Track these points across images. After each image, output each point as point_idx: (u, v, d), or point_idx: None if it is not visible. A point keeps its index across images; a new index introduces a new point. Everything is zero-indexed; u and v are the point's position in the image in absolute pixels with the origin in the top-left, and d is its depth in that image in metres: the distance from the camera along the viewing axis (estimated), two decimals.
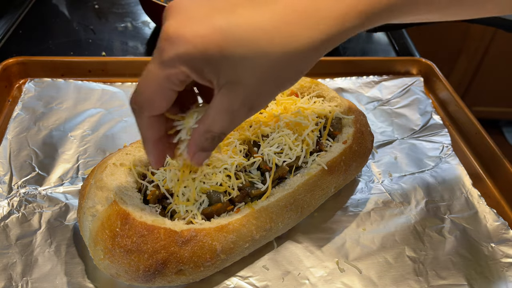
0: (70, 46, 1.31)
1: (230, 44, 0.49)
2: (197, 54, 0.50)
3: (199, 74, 0.52)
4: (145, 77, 0.54)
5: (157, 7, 1.26)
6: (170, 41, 0.51)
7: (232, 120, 0.57)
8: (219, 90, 0.54)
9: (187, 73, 0.52)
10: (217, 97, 0.55)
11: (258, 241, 0.74)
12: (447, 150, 1.02)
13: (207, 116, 0.57)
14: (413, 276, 0.77)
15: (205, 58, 0.50)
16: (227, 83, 0.53)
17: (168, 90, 0.55)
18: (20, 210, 0.80)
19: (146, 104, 0.56)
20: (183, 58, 0.50)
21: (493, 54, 2.55)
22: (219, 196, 0.71)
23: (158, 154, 0.62)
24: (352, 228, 0.85)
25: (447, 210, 0.89)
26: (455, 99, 1.14)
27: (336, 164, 0.81)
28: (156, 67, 0.53)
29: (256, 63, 0.51)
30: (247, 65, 0.51)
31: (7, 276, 0.71)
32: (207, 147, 0.60)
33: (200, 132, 0.59)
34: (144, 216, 0.66)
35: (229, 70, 0.51)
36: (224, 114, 0.56)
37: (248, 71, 0.51)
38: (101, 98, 1.08)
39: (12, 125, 0.96)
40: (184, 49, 0.50)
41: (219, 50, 0.49)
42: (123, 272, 0.65)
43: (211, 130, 0.58)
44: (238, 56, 0.50)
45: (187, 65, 0.51)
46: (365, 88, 1.19)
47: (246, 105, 0.55)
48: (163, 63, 0.52)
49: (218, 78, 0.52)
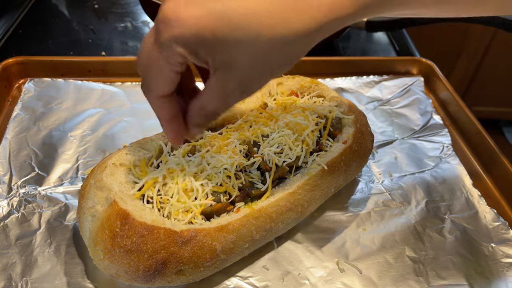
0: (69, 46, 1.31)
1: (224, 27, 0.50)
2: (192, 36, 0.51)
3: (194, 56, 0.54)
4: (148, 59, 0.57)
5: (157, 7, 1.26)
6: (167, 23, 0.52)
7: (225, 101, 0.59)
8: (214, 71, 0.56)
9: (183, 54, 0.54)
10: (212, 78, 0.57)
11: (258, 241, 0.73)
12: (447, 150, 1.02)
13: (202, 94, 0.60)
14: (413, 276, 0.77)
15: (199, 41, 0.51)
16: (221, 65, 0.54)
17: (169, 72, 0.57)
18: (20, 210, 0.80)
19: (151, 86, 0.59)
20: (179, 39, 0.52)
21: (493, 54, 2.55)
22: (219, 196, 0.71)
23: (174, 131, 0.64)
24: (352, 228, 0.85)
25: (447, 210, 0.89)
26: (455, 99, 1.14)
27: (336, 164, 0.81)
28: (156, 50, 0.55)
29: (249, 47, 0.52)
30: (240, 49, 0.52)
31: (7, 276, 0.71)
32: (201, 124, 0.64)
33: (195, 108, 0.62)
34: (144, 216, 0.66)
35: (224, 53, 0.53)
36: (217, 95, 0.58)
37: (241, 54, 0.52)
38: (101, 98, 1.08)
39: (11, 125, 0.96)
40: (179, 31, 0.51)
41: (213, 33, 0.50)
42: (123, 272, 0.65)
43: (205, 108, 0.61)
44: (232, 40, 0.51)
45: (183, 46, 0.53)
46: (365, 88, 1.19)
47: (239, 88, 0.57)
48: (160, 45, 0.54)
49: (213, 60, 0.54)
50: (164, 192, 0.70)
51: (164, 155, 0.76)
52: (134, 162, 0.74)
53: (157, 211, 0.68)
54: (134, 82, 1.14)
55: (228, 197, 0.73)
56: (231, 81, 0.56)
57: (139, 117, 1.04)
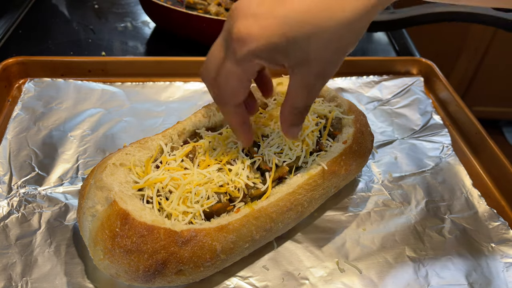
0: (69, 46, 1.31)
1: (292, 28, 0.57)
2: (267, 46, 0.58)
3: (271, 62, 0.61)
4: (223, 74, 0.64)
5: (157, 7, 1.26)
6: (242, 42, 0.59)
7: (310, 92, 0.66)
8: (292, 71, 0.63)
9: (261, 64, 0.62)
10: (292, 77, 0.64)
11: (258, 241, 0.73)
12: (447, 150, 1.02)
13: (288, 95, 0.67)
14: (413, 276, 0.77)
15: (274, 47, 0.58)
16: (298, 63, 0.61)
17: (246, 81, 0.65)
18: (20, 210, 0.80)
19: (230, 97, 0.67)
20: (256, 53, 0.59)
21: (493, 54, 2.55)
22: (219, 196, 0.71)
23: (247, 133, 0.74)
24: (352, 228, 0.85)
25: (447, 210, 0.89)
26: (455, 99, 1.14)
27: (336, 164, 0.81)
28: (233, 66, 0.62)
29: (318, 39, 0.58)
30: (310, 43, 0.58)
31: (7, 276, 0.71)
32: (296, 121, 0.71)
33: (286, 110, 0.69)
34: (144, 216, 0.66)
35: (296, 52, 0.59)
36: (302, 89, 0.65)
37: (312, 47, 0.59)
38: (101, 98, 1.08)
39: (11, 125, 0.96)
40: (255, 45, 0.58)
41: (284, 37, 0.57)
42: (123, 272, 0.65)
43: (295, 106, 0.68)
44: (301, 37, 0.57)
45: (260, 58, 0.60)
46: (365, 88, 1.19)
47: (319, 76, 0.63)
48: (238, 61, 0.61)
49: (289, 61, 0.61)
50: (164, 193, 0.70)
51: (164, 155, 0.76)
52: (134, 162, 0.74)
53: (157, 211, 0.68)
54: (134, 82, 1.14)
55: (228, 197, 0.73)
56: (310, 74, 0.62)
57: (139, 117, 1.04)
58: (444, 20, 1.27)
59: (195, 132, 0.82)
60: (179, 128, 0.82)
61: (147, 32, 1.42)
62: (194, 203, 0.69)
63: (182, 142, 0.81)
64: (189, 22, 1.24)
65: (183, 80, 1.16)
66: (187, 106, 1.08)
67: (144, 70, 1.15)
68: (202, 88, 1.14)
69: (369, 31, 1.38)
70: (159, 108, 1.07)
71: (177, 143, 0.80)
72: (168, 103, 1.09)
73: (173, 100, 1.10)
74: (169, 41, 1.37)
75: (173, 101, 1.10)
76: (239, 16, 0.59)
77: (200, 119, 0.84)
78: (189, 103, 1.09)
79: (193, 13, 1.22)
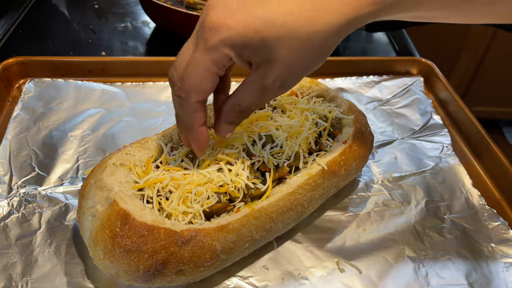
0: (70, 46, 1.31)
1: (267, 27, 0.58)
2: (239, 39, 0.58)
3: (239, 56, 0.60)
4: (191, 64, 0.61)
5: (157, 7, 1.26)
6: (214, 30, 0.58)
7: (262, 95, 0.65)
8: (256, 68, 0.62)
9: (230, 56, 0.60)
10: (252, 75, 0.63)
11: (258, 241, 0.74)
12: (447, 150, 1.02)
13: (238, 91, 0.66)
14: (413, 276, 0.77)
15: (245, 41, 0.58)
16: (263, 62, 0.61)
17: (213, 74, 0.62)
18: (20, 210, 0.80)
19: (194, 88, 0.63)
20: (227, 42, 0.59)
21: (493, 54, 2.55)
22: (219, 196, 0.71)
23: (204, 138, 0.69)
24: (352, 228, 0.85)
25: (447, 210, 0.89)
26: (455, 99, 1.14)
27: (336, 164, 0.81)
28: (202, 54, 0.60)
29: (289, 43, 0.59)
30: (281, 45, 0.59)
31: (7, 276, 0.71)
32: (233, 120, 0.69)
33: (229, 105, 0.68)
34: (144, 216, 0.66)
35: (266, 50, 0.59)
36: (255, 89, 0.64)
37: (281, 49, 0.59)
38: (101, 98, 1.08)
39: (12, 125, 0.96)
40: (227, 35, 0.58)
41: (257, 33, 0.58)
42: (123, 272, 0.65)
43: (240, 104, 0.67)
44: (273, 38, 0.58)
45: (230, 48, 0.59)
46: (365, 88, 1.19)
47: (278, 80, 0.63)
48: (208, 49, 0.60)
49: (255, 58, 0.61)
50: (164, 193, 0.70)
51: (164, 155, 0.76)
52: (134, 162, 0.74)
53: (157, 211, 0.68)
54: (134, 82, 1.14)
55: (228, 197, 0.73)
56: (271, 74, 0.62)
57: (139, 117, 1.04)
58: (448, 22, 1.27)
59: None
60: None
61: (147, 32, 1.42)
62: (194, 203, 0.69)
63: None
64: (189, 22, 1.23)
65: None
66: None
67: (144, 70, 1.15)
68: None
69: (369, 31, 1.37)
70: (159, 108, 1.07)
71: (177, 143, 0.80)
72: (168, 103, 1.09)
73: None
74: (169, 41, 1.37)
75: None
76: (213, 9, 0.59)
77: None
78: None
79: (193, 13, 1.22)
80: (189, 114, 0.66)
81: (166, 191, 0.70)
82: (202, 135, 0.68)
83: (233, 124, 0.70)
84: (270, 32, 0.58)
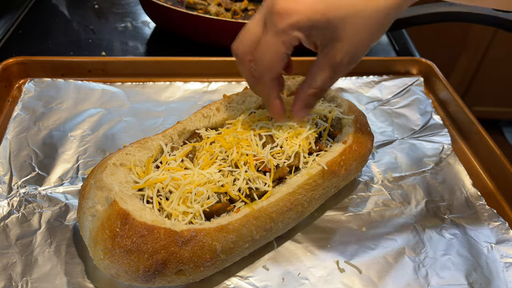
0: (70, 46, 1.31)
1: (332, 8, 0.64)
2: (307, 22, 0.65)
3: (307, 37, 0.68)
4: (263, 46, 0.69)
5: (157, 7, 1.26)
6: (283, 15, 0.65)
7: (333, 73, 0.71)
8: (322, 49, 0.70)
9: (299, 38, 0.67)
10: (320, 56, 0.71)
11: (258, 241, 0.74)
12: (447, 150, 1.02)
13: (309, 74, 0.73)
14: (413, 276, 0.77)
15: (313, 23, 0.65)
16: (330, 41, 0.68)
17: (284, 55, 0.69)
18: (20, 210, 0.80)
19: (267, 69, 0.71)
20: (296, 26, 0.65)
21: (493, 54, 2.55)
22: (219, 196, 0.71)
23: (278, 109, 0.77)
24: (352, 228, 0.85)
25: (447, 210, 0.89)
26: (455, 99, 1.14)
27: (336, 164, 0.81)
28: (273, 37, 0.67)
29: (354, 21, 0.65)
30: (346, 24, 0.65)
31: (7, 276, 0.71)
32: (309, 104, 0.77)
33: (304, 90, 0.75)
34: (144, 216, 0.66)
35: (332, 30, 0.66)
36: (326, 69, 0.71)
37: (347, 28, 0.65)
38: (101, 98, 1.08)
39: (12, 125, 0.96)
40: (296, 19, 0.65)
41: (323, 14, 0.64)
42: (123, 272, 0.65)
43: (313, 87, 0.73)
44: (339, 18, 0.65)
45: (299, 31, 0.66)
46: (365, 88, 1.19)
47: (347, 57, 0.69)
48: (278, 33, 0.66)
49: (322, 38, 0.68)
50: (164, 193, 0.70)
51: (164, 155, 0.76)
52: (134, 162, 0.74)
53: (157, 211, 0.68)
54: (134, 82, 1.14)
55: (228, 197, 0.73)
56: (339, 52, 0.68)
57: (139, 117, 1.04)
58: (444, 20, 1.27)
59: (195, 132, 0.82)
60: (179, 128, 0.82)
61: (147, 32, 1.42)
62: (194, 203, 0.69)
63: (182, 142, 0.81)
64: (189, 22, 1.24)
65: (183, 80, 1.16)
66: (187, 106, 1.08)
67: (144, 70, 1.16)
68: (202, 88, 1.14)
69: None
70: (159, 108, 1.07)
71: (177, 143, 0.80)
72: (168, 103, 1.09)
73: (173, 100, 1.10)
74: (169, 41, 1.37)
75: (173, 101, 1.10)
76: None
77: (200, 119, 0.84)
78: (189, 103, 1.09)
79: (193, 13, 1.22)
80: (264, 90, 0.75)
81: (166, 191, 0.70)
82: (277, 106, 0.76)
83: (309, 107, 0.78)
84: (335, 13, 0.64)
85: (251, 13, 1.44)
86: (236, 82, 1.18)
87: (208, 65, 1.17)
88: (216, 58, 1.18)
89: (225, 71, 1.17)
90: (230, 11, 1.39)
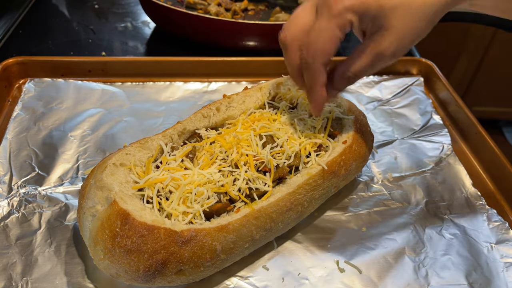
0: (70, 46, 1.31)
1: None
2: (361, 5, 0.66)
3: (360, 22, 0.68)
4: (317, 30, 0.68)
5: (157, 7, 1.27)
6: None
7: (374, 62, 0.71)
8: (369, 37, 0.70)
9: (352, 21, 0.67)
10: (365, 42, 0.70)
11: (258, 241, 0.74)
12: (447, 150, 1.02)
13: (348, 58, 0.72)
14: (413, 276, 0.77)
15: (366, 7, 0.66)
16: (378, 29, 0.68)
17: (337, 38, 0.69)
18: (20, 210, 0.80)
19: (320, 52, 0.69)
20: (350, 9, 0.66)
21: (493, 54, 2.54)
22: (219, 196, 0.71)
23: (320, 99, 0.75)
24: (352, 228, 0.85)
25: (447, 210, 0.89)
26: (455, 99, 1.14)
27: (336, 164, 0.81)
28: (327, 20, 0.67)
29: (403, 12, 0.66)
30: (396, 13, 0.66)
31: (7, 276, 0.71)
32: (339, 86, 0.76)
33: (339, 72, 0.74)
34: (144, 216, 0.66)
35: (382, 18, 0.67)
36: (368, 55, 0.70)
37: (396, 18, 0.66)
38: (101, 98, 1.08)
39: (12, 125, 0.96)
40: (351, 2, 0.66)
41: (377, 2, 0.66)
42: (123, 272, 0.65)
43: (349, 70, 0.72)
44: (390, 6, 0.66)
45: (353, 14, 0.67)
46: (365, 88, 1.19)
47: (391, 48, 0.69)
48: (333, 16, 0.67)
49: (372, 25, 0.68)
50: (164, 194, 0.70)
51: (164, 155, 0.76)
52: (134, 162, 0.74)
53: (157, 211, 0.68)
54: (134, 82, 1.14)
55: (228, 197, 0.73)
56: (385, 42, 0.68)
57: (139, 117, 1.04)
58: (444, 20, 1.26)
59: (195, 132, 0.83)
60: (179, 128, 0.82)
61: (147, 32, 1.42)
62: (194, 203, 0.69)
63: (182, 142, 0.81)
64: (189, 22, 1.24)
65: (183, 80, 1.16)
66: (187, 106, 1.08)
67: (144, 70, 1.16)
68: (202, 88, 1.14)
69: None
70: (159, 108, 1.08)
71: (177, 143, 0.80)
72: (168, 103, 1.09)
73: (173, 100, 1.10)
74: (169, 41, 1.37)
75: (173, 101, 1.10)
76: None
77: (200, 119, 0.84)
78: (189, 103, 1.10)
79: (193, 13, 1.22)
80: (312, 75, 0.72)
81: (166, 191, 0.70)
82: (321, 95, 0.75)
83: (338, 90, 0.77)
84: (387, 1, 0.65)
85: (251, 13, 1.44)
86: (236, 82, 1.18)
87: (208, 65, 1.18)
88: (216, 58, 1.18)
89: (225, 71, 1.17)
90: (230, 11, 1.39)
